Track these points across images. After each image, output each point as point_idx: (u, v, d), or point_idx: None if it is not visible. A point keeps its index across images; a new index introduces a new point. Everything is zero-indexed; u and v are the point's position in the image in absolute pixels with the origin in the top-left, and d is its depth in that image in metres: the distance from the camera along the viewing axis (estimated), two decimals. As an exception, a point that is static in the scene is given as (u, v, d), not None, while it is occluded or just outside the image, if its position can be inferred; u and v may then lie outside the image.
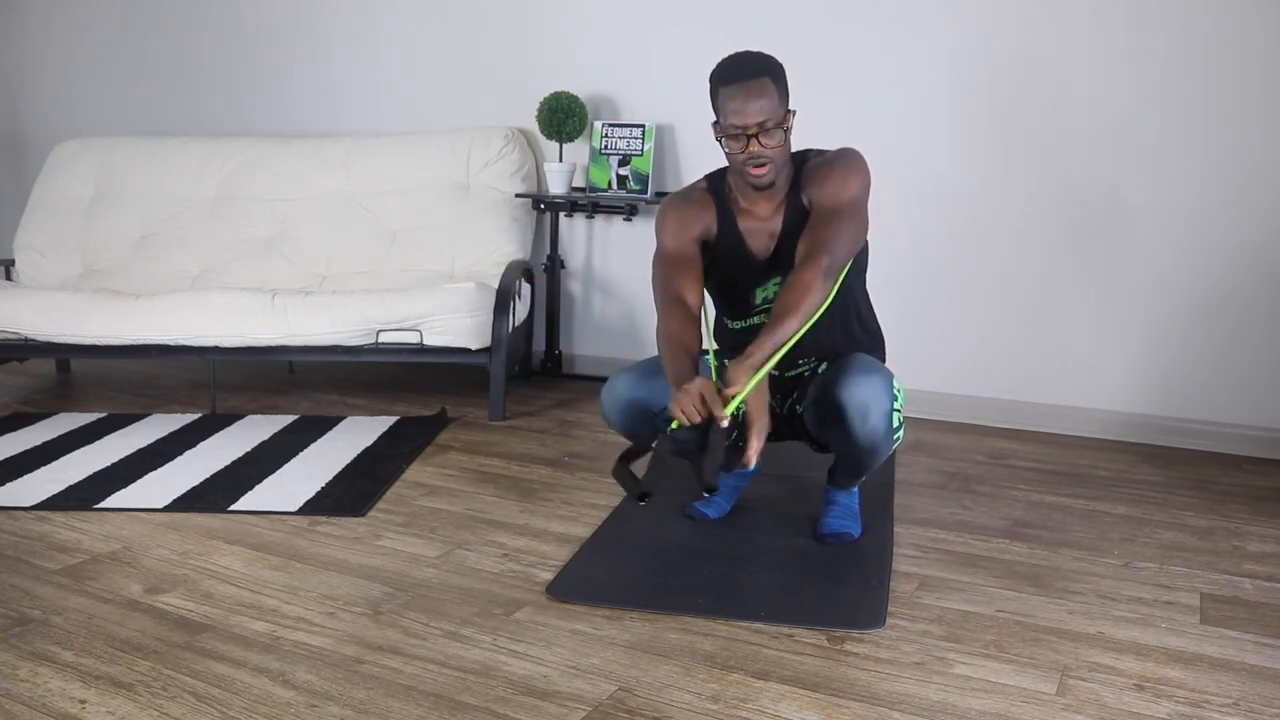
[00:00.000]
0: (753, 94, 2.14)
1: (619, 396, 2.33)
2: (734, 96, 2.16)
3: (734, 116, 2.16)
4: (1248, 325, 3.15)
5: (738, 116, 2.16)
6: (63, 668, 1.79)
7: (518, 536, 2.44)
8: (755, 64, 2.18)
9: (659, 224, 2.36)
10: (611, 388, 2.36)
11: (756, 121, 2.15)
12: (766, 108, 2.15)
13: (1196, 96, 3.11)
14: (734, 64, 2.20)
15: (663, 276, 2.31)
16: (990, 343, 3.46)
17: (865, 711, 1.68)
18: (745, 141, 2.17)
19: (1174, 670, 1.83)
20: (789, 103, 2.23)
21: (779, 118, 2.18)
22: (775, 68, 2.20)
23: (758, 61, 2.19)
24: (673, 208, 2.37)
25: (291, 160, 4.14)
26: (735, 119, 2.16)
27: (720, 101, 2.19)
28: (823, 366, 2.34)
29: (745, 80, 2.15)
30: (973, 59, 3.35)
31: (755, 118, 2.15)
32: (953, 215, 3.44)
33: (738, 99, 2.15)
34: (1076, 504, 2.71)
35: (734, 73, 2.18)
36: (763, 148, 2.17)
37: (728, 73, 2.19)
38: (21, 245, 4.21)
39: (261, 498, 2.66)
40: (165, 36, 4.68)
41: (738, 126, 2.16)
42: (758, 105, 2.14)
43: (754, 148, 2.17)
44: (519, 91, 4.03)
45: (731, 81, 2.17)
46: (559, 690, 1.74)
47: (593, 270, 4.04)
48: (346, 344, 3.37)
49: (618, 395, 2.34)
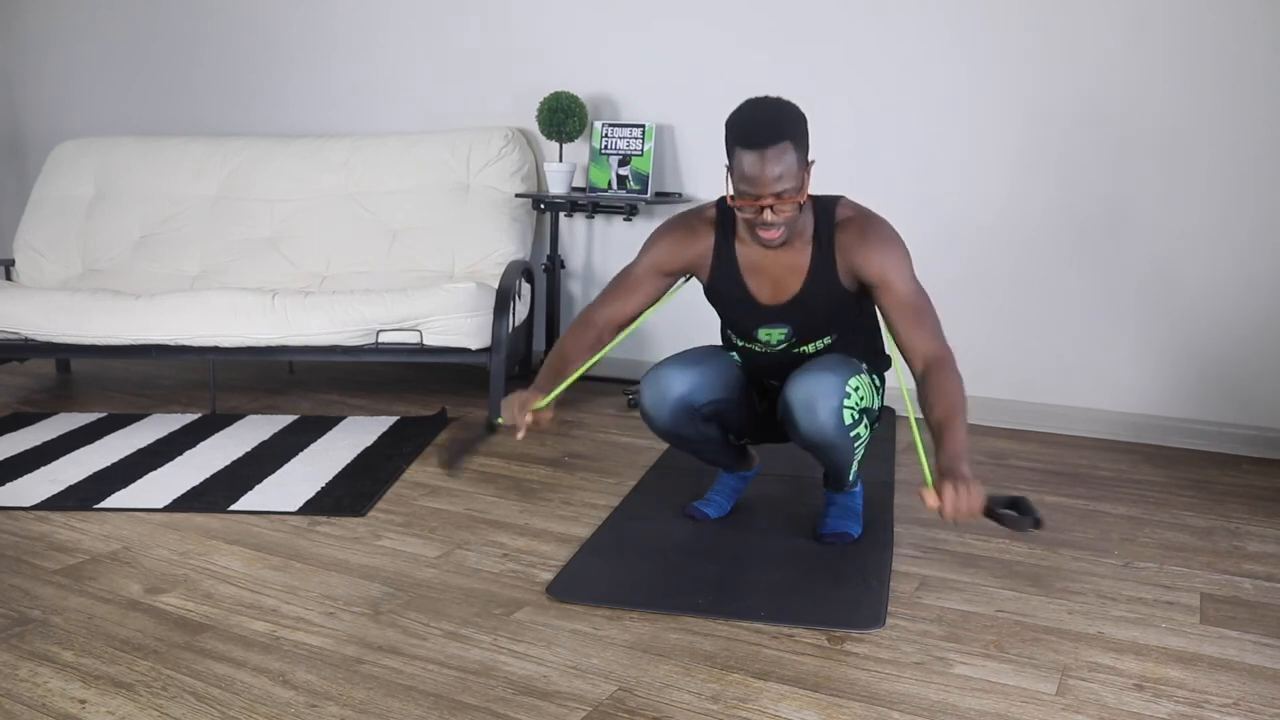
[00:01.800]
0: (770, 161, 1.98)
1: (669, 394, 2.23)
2: (750, 162, 1.99)
3: (749, 184, 2.01)
4: (1248, 325, 3.15)
5: (752, 185, 2.00)
6: (63, 668, 1.79)
7: (518, 536, 2.44)
8: (775, 125, 2.00)
9: (649, 239, 2.28)
10: (658, 384, 2.24)
11: (772, 191, 2.00)
12: (784, 176, 1.99)
13: (1199, 97, 3.11)
14: (752, 123, 2.01)
15: (612, 286, 2.27)
16: (990, 343, 3.46)
17: (865, 711, 1.68)
18: (759, 209, 2.03)
19: (1174, 670, 1.83)
20: (809, 154, 2.07)
21: (797, 183, 2.02)
22: (796, 125, 2.03)
23: (778, 121, 2.01)
24: (666, 233, 2.26)
25: (291, 160, 4.14)
26: (749, 186, 2.01)
27: (734, 159, 2.03)
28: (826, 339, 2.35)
29: (763, 147, 1.98)
30: (978, 61, 3.35)
31: (771, 187, 1.99)
32: (953, 215, 3.44)
33: (753, 165, 1.98)
34: (1076, 504, 2.71)
35: (751, 135, 2.00)
36: (776, 215, 2.04)
37: (745, 133, 2.01)
38: (21, 245, 4.22)
39: (261, 498, 2.66)
40: (165, 36, 4.68)
41: (752, 194, 2.02)
42: (775, 173, 1.98)
43: (767, 216, 2.03)
44: (519, 91, 4.03)
45: (749, 145, 1.99)
46: (559, 690, 1.74)
47: (593, 270, 4.04)
48: (346, 344, 3.37)
49: (668, 393, 2.23)
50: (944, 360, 2.09)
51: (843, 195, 2.24)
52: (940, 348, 2.11)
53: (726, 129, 2.05)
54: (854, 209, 2.20)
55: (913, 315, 2.12)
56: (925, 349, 2.11)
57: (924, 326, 2.12)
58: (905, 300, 2.13)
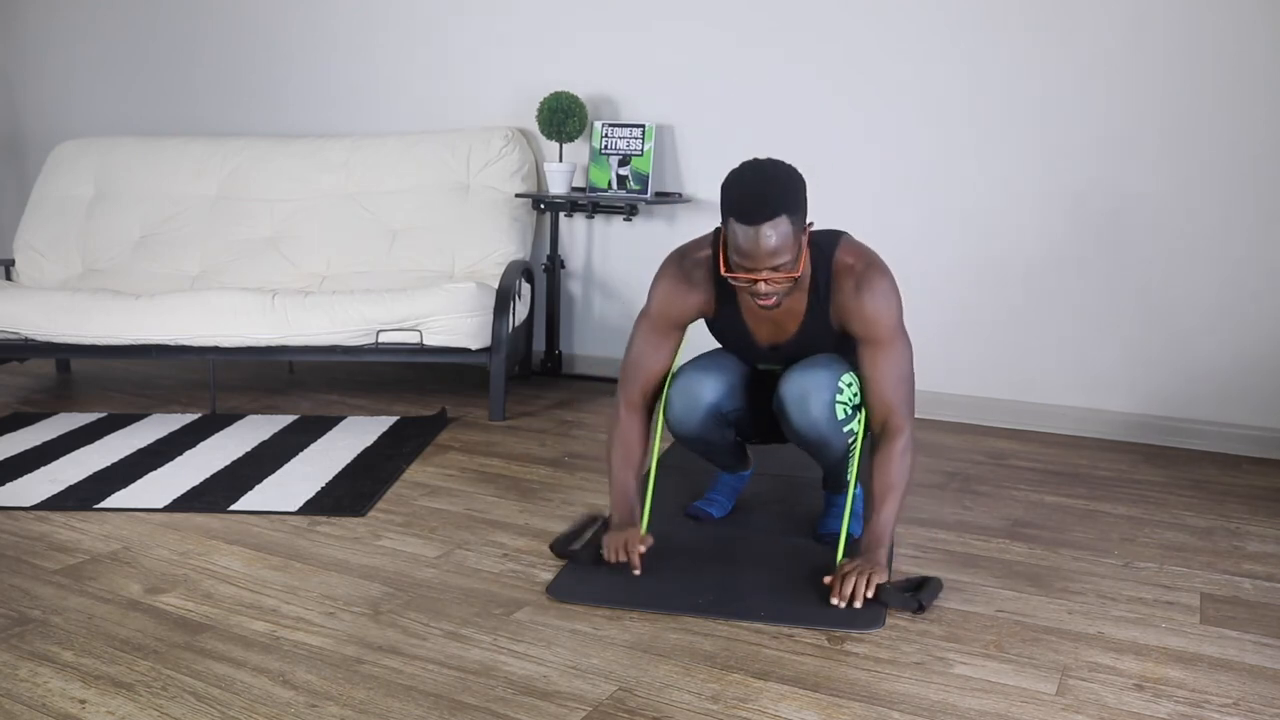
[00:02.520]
0: (766, 237, 1.92)
1: (702, 401, 2.23)
2: (745, 236, 1.93)
3: (744, 258, 1.96)
4: (1248, 325, 3.15)
5: (747, 259, 1.96)
6: (63, 668, 1.79)
7: (518, 536, 2.44)
8: (772, 198, 1.93)
9: (655, 284, 2.24)
10: (690, 392, 2.24)
11: (768, 266, 1.96)
12: (780, 250, 1.94)
13: (1199, 97, 3.11)
14: (748, 196, 1.95)
15: (641, 339, 2.26)
16: (990, 343, 3.46)
17: (865, 711, 1.68)
18: (754, 282, 2.00)
19: (1174, 670, 1.83)
20: (806, 219, 2.01)
21: (794, 255, 1.98)
22: (793, 195, 1.96)
23: (775, 194, 1.94)
24: (667, 289, 2.22)
25: (291, 160, 4.14)
26: (744, 260, 1.96)
27: (729, 229, 1.97)
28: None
29: (759, 222, 1.92)
30: (980, 61, 3.35)
31: (767, 262, 1.95)
32: (954, 216, 3.45)
33: (749, 240, 1.93)
34: (1076, 504, 2.71)
35: (747, 209, 1.93)
36: (771, 286, 2.00)
37: (740, 206, 1.94)
38: (21, 245, 4.22)
39: (261, 498, 2.66)
40: (165, 36, 4.68)
41: (746, 268, 1.98)
42: (770, 248, 1.93)
43: (762, 288, 2.00)
44: (519, 91, 4.03)
45: (744, 220, 1.93)
46: (559, 690, 1.74)
47: (593, 270, 4.04)
48: (346, 344, 3.37)
49: (700, 400, 2.23)
50: (899, 432, 2.13)
51: (843, 234, 2.17)
52: (900, 419, 2.14)
53: (722, 195, 2.00)
54: (853, 253, 2.14)
55: (886, 378, 2.14)
56: (886, 415, 2.14)
57: (894, 392, 2.14)
58: (884, 363, 2.14)
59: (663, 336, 2.25)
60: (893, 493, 2.11)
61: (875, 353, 2.13)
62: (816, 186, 3.61)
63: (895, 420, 2.13)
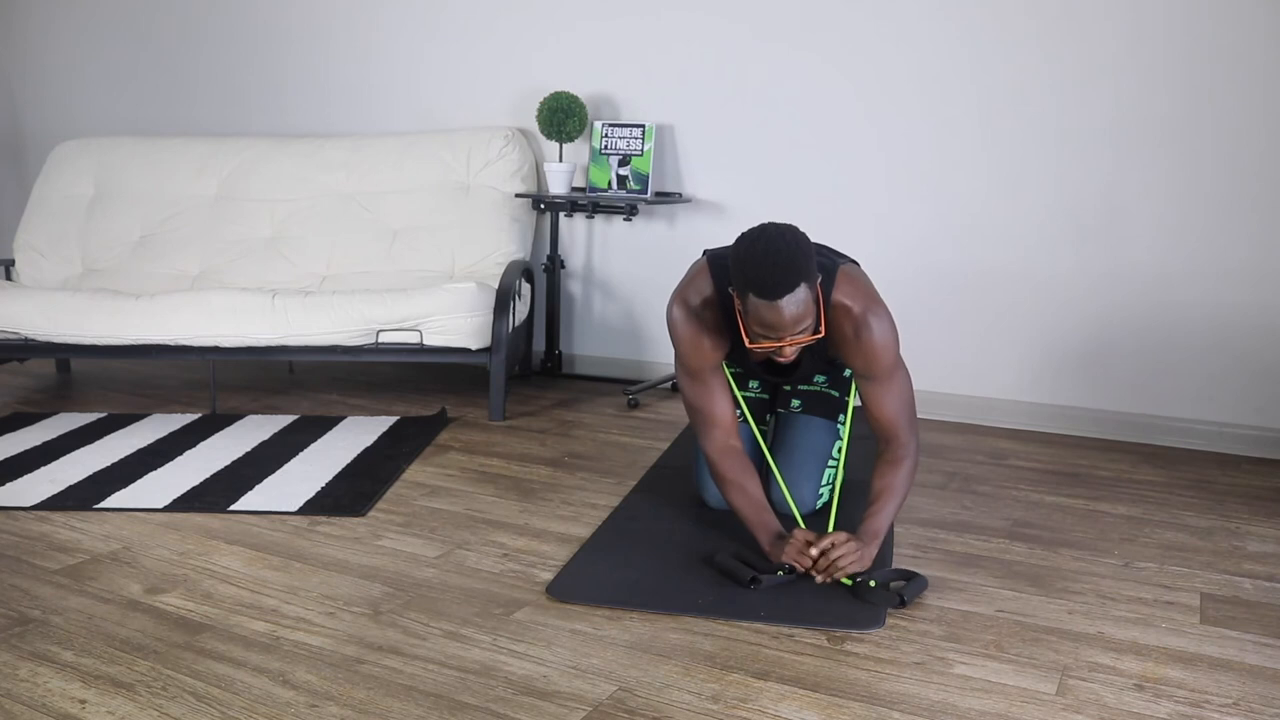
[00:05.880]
0: (788, 308, 1.95)
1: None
2: (767, 310, 1.96)
3: (767, 329, 1.99)
4: (1248, 326, 3.15)
5: (771, 330, 1.99)
6: (63, 668, 1.79)
7: (518, 536, 2.44)
8: (790, 273, 1.93)
9: (675, 336, 2.27)
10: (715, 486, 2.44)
11: (792, 333, 2.00)
12: (803, 318, 1.98)
13: (1198, 97, 3.11)
14: (766, 273, 1.94)
15: (692, 392, 2.31)
16: (990, 343, 3.46)
17: (865, 711, 1.68)
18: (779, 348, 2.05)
19: (1174, 670, 1.83)
20: (817, 277, 2.02)
21: (814, 318, 2.02)
22: (806, 263, 1.96)
23: (790, 266, 1.94)
24: (688, 332, 2.25)
25: (291, 160, 4.14)
26: (768, 331, 2.00)
27: (747, 304, 1.99)
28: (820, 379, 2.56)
29: (779, 297, 1.94)
30: (979, 61, 3.35)
31: (791, 330, 1.99)
32: (954, 216, 3.45)
33: (772, 314, 1.96)
34: (1076, 504, 2.71)
35: (767, 287, 1.94)
36: (794, 348, 2.06)
37: (760, 284, 1.94)
38: (21, 245, 4.22)
39: (261, 498, 2.66)
40: (165, 37, 4.68)
41: (771, 338, 2.02)
42: (793, 318, 1.97)
43: (786, 351, 2.06)
44: (519, 91, 4.04)
45: (764, 296, 1.95)
46: (559, 690, 1.74)
47: (593, 270, 4.04)
48: (346, 344, 3.37)
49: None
50: (904, 447, 2.22)
51: (839, 267, 2.19)
52: (906, 436, 2.23)
53: (734, 269, 1.99)
54: (850, 293, 2.17)
55: (888, 406, 2.22)
56: (891, 435, 2.23)
57: (897, 416, 2.22)
58: (885, 395, 2.22)
59: (708, 382, 2.31)
60: (893, 495, 2.18)
61: (876, 386, 2.22)
62: (818, 186, 3.62)
63: (901, 437, 2.23)
